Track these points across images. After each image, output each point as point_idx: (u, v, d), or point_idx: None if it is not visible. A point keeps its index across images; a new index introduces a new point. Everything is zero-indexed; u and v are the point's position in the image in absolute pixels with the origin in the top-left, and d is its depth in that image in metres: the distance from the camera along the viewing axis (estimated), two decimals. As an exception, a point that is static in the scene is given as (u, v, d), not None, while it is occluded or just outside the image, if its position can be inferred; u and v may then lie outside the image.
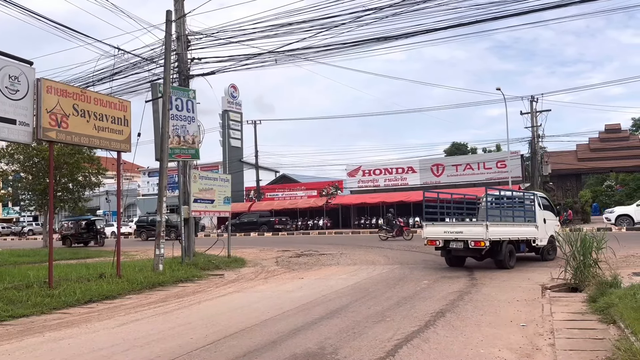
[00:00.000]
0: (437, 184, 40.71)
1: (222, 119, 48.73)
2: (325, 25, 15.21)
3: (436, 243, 12.69)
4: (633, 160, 38.82)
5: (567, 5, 13.13)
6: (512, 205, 14.45)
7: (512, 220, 13.29)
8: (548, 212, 14.47)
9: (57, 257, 16.77)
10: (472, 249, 12.09)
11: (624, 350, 4.54)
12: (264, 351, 5.56)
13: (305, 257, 17.80)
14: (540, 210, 13.88)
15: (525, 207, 13.83)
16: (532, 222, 13.38)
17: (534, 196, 14.26)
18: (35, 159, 25.45)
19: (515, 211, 13.85)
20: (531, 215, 13.56)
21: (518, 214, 13.65)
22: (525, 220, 13.34)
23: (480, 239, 11.70)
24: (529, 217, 13.50)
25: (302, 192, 47.01)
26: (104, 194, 50.98)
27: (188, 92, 15.46)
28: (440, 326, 6.45)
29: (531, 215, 13.56)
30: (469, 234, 12.10)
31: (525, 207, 13.82)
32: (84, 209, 31.87)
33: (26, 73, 9.72)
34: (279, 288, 10.65)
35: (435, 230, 12.82)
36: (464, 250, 12.40)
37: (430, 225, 13.03)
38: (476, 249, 12.03)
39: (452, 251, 12.75)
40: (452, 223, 13.36)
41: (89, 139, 11.08)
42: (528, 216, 13.52)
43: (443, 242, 12.58)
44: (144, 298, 9.91)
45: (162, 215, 13.49)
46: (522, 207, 13.92)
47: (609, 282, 7.71)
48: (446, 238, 12.51)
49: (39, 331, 7.12)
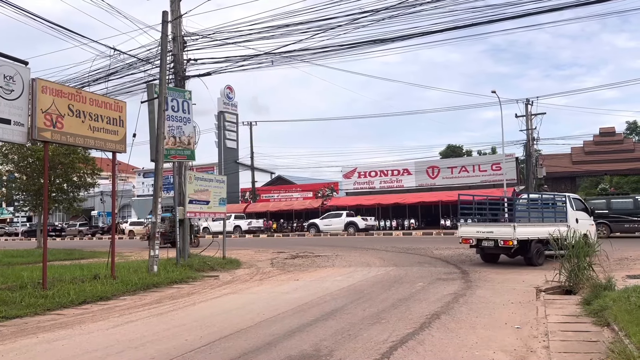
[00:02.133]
0: (433, 186, 40.87)
1: (218, 120, 48.73)
2: (322, 27, 15.24)
3: (470, 241, 13.79)
4: (627, 164, 39.11)
5: (562, 9, 13.19)
6: (540, 207, 15.15)
7: (540, 220, 14.07)
8: (581, 212, 15.52)
9: (52, 257, 16.68)
10: (502, 247, 13.04)
11: (617, 353, 4.56)
12: (259, 353, 5.55)
13: (300, 258, 17.79)
14: (572, 211, 14.84)
15: (556, 208, 14.90)
16: (564, 222, 14.12)
17: (566, 198, 15.16)
18: (29, 159, 25.31)
19: (544, 212, 14.68)
20: (562, 215, 14.51)
21: (548, 214, 14.56)
22: (556, 221, 14.11)
23: (508, 239, 12.68)
24: (560, 217, 14.42)
25: (298, 194, 47.04)
26: (98, 195, 50.83)
27: (184, 92, 15.45)
28: (435, 328, 6.45)
29: (562, 215, 14.51)
30: (499, 233, 13.09)
31: (557, 208, 14.87)
32: (79, 210, 31.71)
33: (21, 73, 9.68)
34: (274, 289, 10.64)
35: (469, 230, 13.94)
36: (495, 249, 13.41)
37: (465, 225, 14.26)
38: (506, 247, 12.92)
39: (485, 249, 13.79)
40: (484, 223, 14.28)
41: (84, 139, 11.04)
42: (559, 217, 14.44)
43: (476, 241, 13.65)
44: (138, 299, 9.88)
45: (157, 216, 13.46)
46: (552, 208, 14.98)
47: (603, 284, 7.75)
48: (478, 237, 13.56)
49: (33, 332, 7.08)
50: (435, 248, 19.56)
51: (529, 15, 13.59)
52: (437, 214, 36.58)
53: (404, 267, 13.96)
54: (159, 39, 14.38)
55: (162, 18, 14.23)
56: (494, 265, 13.58)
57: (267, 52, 16.66)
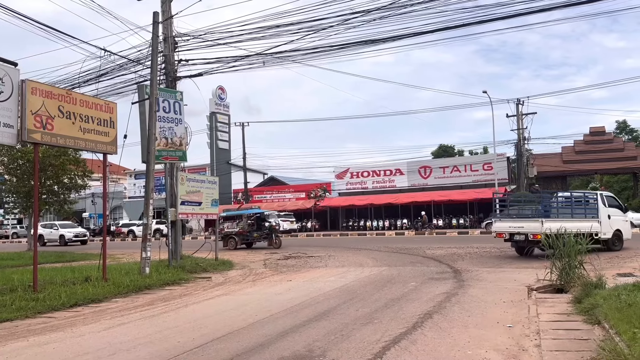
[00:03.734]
0: (425, 186, 40.97)
1: (210, 120, 48.60)
2: (313, 27, 15.23)
3: (503, 236, 15.04)
4: (617, 163, 39.39)
5: (551, 10, 13.28)
6: (570, 204, 16.11)
7: (570, 216, 14.85)
8: (614, 209, 16.27)
9: (42, 260, 16.57)
10: (532, 241, 14.03)
11: (608, 351, 4.58)
12: (252, 354, 5.53)
13: (293, 259, 17.78)
14: (604, 208, 15.70)
15: (588, 205, 15.83)
16: (595, 218, 15.21)
17: (597, 195, 16.08)
18: (19, 161, 25.12)
19: (574, 209, 15.59)
20: (594, 211, 15.41)
21: (578, 211, 15.52)
22: (586, 217, 15.18)
23: (537, 232, 13.48)
24: (591, 213, 15.37)
25: (291, 194, 47.02)
26: (90, 197, 50.50)
27: (175, 93, 15.39)
28: (428, 328, 6.47)
29: (594, 211, 15.41)
30: (528, 228, 14.21)
31: (589, 205, 15.78)
32: (70, 212, 31.47)
33: (10, 74, 9.61)
34: (266, 290, 10.62)
35: (502, 225, 15.31)
36: (525, 242, 14.43)
37: (498, 220, 15.72)
38: (535, 241, 13.63)
39: (518, 242, 14.79)
40: (515, 219, 15.24)
41: (74, 140, 10.97)
42: (590, 213, 15.39)
43: (509, 235, 14.85)
44: (130, 301, 9.82)
45: (148, 218, 13.39)
46: (581, 205, 15.96)
47: (594, 283, 7.79)
48: (511, 232, 14.72)
49: (24, 335, 7.02)
50: (428, 248, 19.62)
51: (519, 16, 13.66)
52: (430, 214, 36.69)
53: (397, 267, 13.99)
54: (150, 40, 14.33)
55: (153, 19, 14.17)
56: (485, 264, 13.65)
57: (259, 52, 16.64)
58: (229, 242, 23.92)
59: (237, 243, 23.63)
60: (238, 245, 23.59)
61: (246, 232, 23.64)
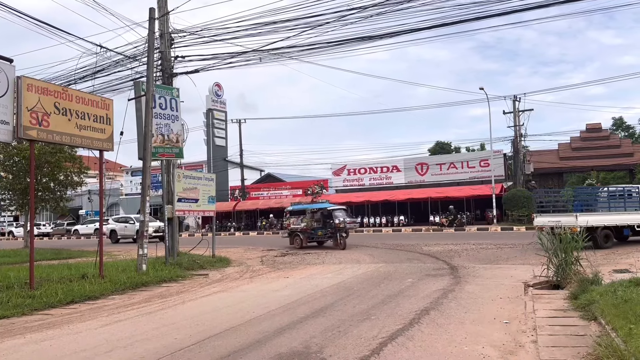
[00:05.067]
0: (422, 183, 40.99)
1: (206, 117, 48.44)
2: (309, 24, 15.21)
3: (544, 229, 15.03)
4: (613, 159, 39.46)
5: (548, 6, 13.30)
6: (607, 198, 17.02)
7: (607, 210, 15.75)
8: None
9: (39, 257, 16.52)
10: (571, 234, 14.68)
11: (604, 346, 4.60)
12: (249, 351, 5.54)
13: (290, 256, 17.79)
14: None
15: (629, 198, 16.66)
16: (638, 211, 15.93)
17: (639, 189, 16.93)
18: (15, 158, 25.00)
19: (612, 202, 16.55)
20: (636, 204, 16.17)
21: (616, 204, 16.41)
22: (626, 209, 16.05)
23: (573, 226, 14.12)
24: (633, 206, 16.12)
25: (288, 192, 46.94)
26: (86, 194, 50.33)
27: (172, 90, 15.34)
28: (425, 324, 6.48)
29: (636, 204, 16.17)
30: (565, 222, 14.69)
31: (632, 198, 16.60)
32: (66, 209, 31.33)
33: (6, 71, 9.56)
34: (264, 287, 10.63)
35: (543, 220, 16.38)
36: None
37: (539, 215, 16.85)
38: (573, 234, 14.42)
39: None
40: (553, 214, 16.50)
41: (70, 137, 10.93)
42: (631, 205, 16.18)
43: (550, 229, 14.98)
44: (127, 298, 9.81)
45: (145, 215, 13.36)
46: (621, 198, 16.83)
47: (590, 279, 7.82)
48: (550, 225, 14.89)
49: (20, 332, 7.01)
50: (425, 244, 19.66)
51: (516, 12, 13.69)
52: (426, 211, 36.72)
53: (394, 263, 14.01)
54: (146, 36, 14.27)
55: (149, 15, 14.12)
56: (482, 261, 13.68)
57: (255, 49, 16.60)
58: (294, 239, 21.54)
59: (302, 241, 21.10)
60: (304, 243, 21.05)
61: (310, 230, 21.29)
